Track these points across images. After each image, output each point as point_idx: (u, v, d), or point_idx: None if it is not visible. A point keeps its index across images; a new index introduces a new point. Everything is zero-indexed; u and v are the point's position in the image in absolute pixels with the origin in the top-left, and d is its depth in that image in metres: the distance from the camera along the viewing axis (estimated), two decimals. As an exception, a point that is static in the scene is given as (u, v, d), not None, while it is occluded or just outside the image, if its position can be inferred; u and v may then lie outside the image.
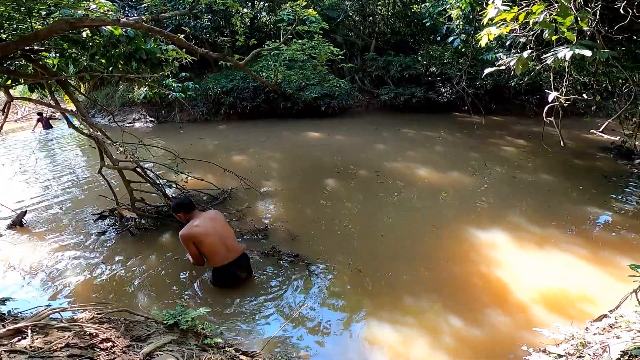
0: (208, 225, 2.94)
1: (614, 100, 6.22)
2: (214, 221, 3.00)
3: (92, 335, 1.35)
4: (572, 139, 7.92)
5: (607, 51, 2.48)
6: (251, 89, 10.49)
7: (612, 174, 5.90)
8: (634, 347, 1.68)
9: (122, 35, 3.47)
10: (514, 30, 3.22)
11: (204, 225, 2.92)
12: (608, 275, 3.18)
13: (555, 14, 2.45)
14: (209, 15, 11.05)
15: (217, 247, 2.92)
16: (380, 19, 13.93)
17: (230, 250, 2.98)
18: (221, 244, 2.94)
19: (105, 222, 4.22)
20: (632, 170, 6.09)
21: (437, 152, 7.33)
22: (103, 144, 3.82)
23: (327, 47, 5.38)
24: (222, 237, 2.96)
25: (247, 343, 2.50)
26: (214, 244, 2.91)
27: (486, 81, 10.26)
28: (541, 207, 4.66)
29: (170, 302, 2.93)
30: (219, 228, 2.99)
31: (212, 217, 3.03)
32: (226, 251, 2.96)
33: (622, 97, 5.66)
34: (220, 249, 2.93)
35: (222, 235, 2.96)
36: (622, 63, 4.42)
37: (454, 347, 2.49)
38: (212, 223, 2.97)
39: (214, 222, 2.99)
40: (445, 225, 4.21)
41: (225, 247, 2.96)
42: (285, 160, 6.97)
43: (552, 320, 2.58)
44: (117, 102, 11.72)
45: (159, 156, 5.72)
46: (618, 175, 5.83)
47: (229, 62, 4.12)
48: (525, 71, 5.33)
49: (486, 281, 3.18)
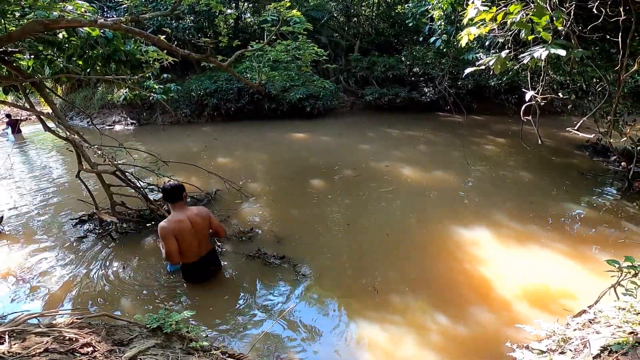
0: (191, 221, 2.90)
1: (589, 99, 6.45)
2: (197, 218, 2.95)
3: (71, 340, 1.31)
4: (550, 137, 8.16)
5: (581, 50, 2.57)
6: (235, 90, 10.41)
7: (588, 171, 6.11)
8: (613, 342, 1.72)
9: (100, 37, 3.40)
10: (493, 31, 3.30)
11: (187, 221, 2.88)
12: (587, 271, 3.26)
13: (532, 14, 2.52)
14: (192, 17, 10.91)
15: (193, 244, 2.93)
16: (365, 20, 14.05)
17: (201, 247, 3.01)
18: (197, 241, 2.95)
19: (84, 227, 4.10)
20: (607, 167, 6.32)
21: (421, 152, 7.44)
22: (80, 147, 3.72)
23: (311, 48, 5.37)
24: (200, 234, 2.96)
25: (235, 345, 2.47)
26: (192, 242, 2.91)
27: (467, 81, 10.47)
28: (522, 204, 4.77)
29: (154, 307, 2.87)
30: (199, 226, 2.95)
31: (196, 214, 2.97)
32: (198, 248, 2.99)
33: (597, 96, 5.86)
34: (194, 248, 2.95)
35: (200, 233, 2.96)
36: (597, 62, 4.58)
37: (441, 344, 2.52)
38: (194, 219, 2.92)
39: (197, 219, 2.94)
40: (430, 224, 4.26)
41: (199, 245, 2.98)
42: (271, 162, 6.94)
43: (535, 316, 2.63)
44: (96, 104, 11.42)
45: (141, 159, 5.61)
46: (594, 172, 6.04)
47: (212, 64, 4.07)
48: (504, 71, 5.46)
49: (470, 278, 3.23)
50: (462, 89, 10.85)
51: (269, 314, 2.83)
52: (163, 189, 2.96)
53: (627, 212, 4.58)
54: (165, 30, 5.65)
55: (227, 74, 9.98)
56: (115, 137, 4.75)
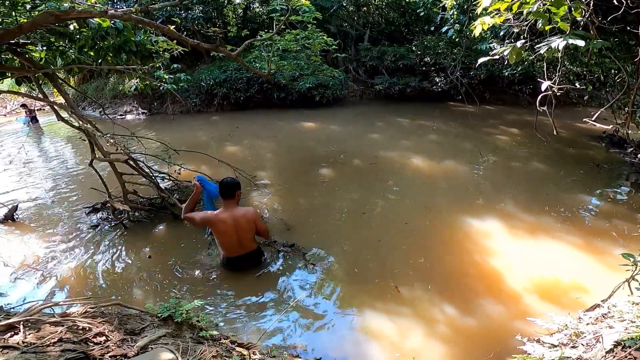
0: (235, 222, 3.02)
1: (606, 90, 6.26)
2: (242, 219, 3.04)
3: (85, 330, 1.35)
4: (565, 128, 7.97)
5: (601, 41, 2.48)
6: (245, 80, 10.39)
7: (604, 162, 5.97)
8: (627, 337, 1.68)
9: (111, 27, 3.42)
10: (508, 20, 3.21)
11: (229, 221, 3.00)
12: (601, 264, 3.21)
13: (549, 4, 2.43)
14: (201, 7, 10.86)
15: (233, 242, 3.07)
16: (374, 9, 13.79)
17: (242, 247, 3.12)
18: (236, 240, 3.07)
19: (97, 216, 4.18)
20: (624, 158, 6.16)
21: (432, 141, 7.35)
22: (93, 137, 3.77)
23: (320, 37, 5.32)
24: (241, 235, 3.07)
25: (244, 334, 2.51)
26: (230, 237, 3.05)
27: (480, 71, 10.25)
28: (534, 196, 4.70)
29: (165, 296, 2.93)
30: (242, 228, 3.06)
31: (242, 215, 3.05)
32: (239, 247, 3.11)
33: (615, 87, 5.68)
34: (233, 245, 3.09)
35: (241, 233, 3.07)
36: (615, 54, 4.43)
37: (450, 336, 2.51)
38: (239, 221, 3.03)
39: (241, 221, 3.04)
40: (440, 214, 4.24)
41: (239, 244, 3.10)
42: (280, 151, 6.94)
43: (546, 309, 2.60)
44: (108, 95, 11.55)
45: (152, 148, 5.67)
46: (610, 164, 5.90)
47: (221, 53, 4.06)
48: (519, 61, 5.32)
49: (480, 270, 3.21)
50: (474, 79, 10.63)
51: (278, 303, 2.87)
52: (219, 184, 3.08)
53: (643, 206, 4.48)
54: (174, 21, 5.64)
55: (237, 64, 9.95)
56: (126, 126, 4.80)
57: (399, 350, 2.42)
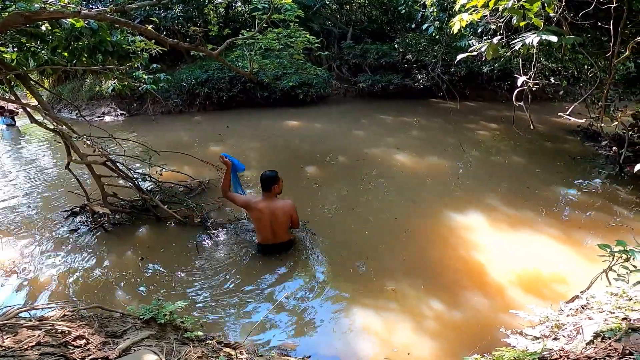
0: (271, 213, 3.20)
1: (580, 85, 6.47)
2: (279, 211, 3.23)
3: (64, 333, 1.31)
4: (542, 123, 8.21)
5: (573, 37, 2.56)
6: (227, 79, 10.28)
7: (580, 155, 6.18)
8: (606, 328, 1.71)
9: (85, 28, 3.35)
10: (485, 17, 3.28)
11: (264, 209, 3.20)
12: (580, 256, 3.30)
13: (523, 0, 2.50)
14: (181, 6, 10.67)
15: (267, 231, 3.27)
16: (357, 7, 13.85)
17: (276, 237, 3.31)
18: (270, 229, 3.26)
19: (76, 219, 4.06)
20: (598, 151, 6.39)
21: (415, 137, 7.45)
22: (69, 138, 3.66)
23: (303, 35, 5.31)
24: (277, 225, 3.25)
25: (231, 334, 2.49)
26: (265, 226, 3.25)
27: (460, 68, 10.44)
28: (515, 189, 4.83)
29: (148, 298, 2.87)
30: (279, 219, 3.23)
31: (280, 207, 3.23)
32: (273, 237, 3.30)
33: (588, 83, 5.88)
34: (267, 233, 3.28)
35: (277, 224, 3.25)
36: (588, 49, 4.58)
37: (437, 330, 2.55)
38: (276, 213, 3.22)
39: (278, 213, 3.22)
40: (424, 210, 4.30)
41: (273, 234, 3.28)
42: (264, 150, 6.90)
43: (529, 301, 2.66)
44: (85, 96, 11.21)
45: (132, 149, 5.54)
46: (586, 157, 6.11)
47: (202, 52, 4.00)
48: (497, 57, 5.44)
49: (465, 264, 3.27)
50: (455, 75, 10.82)
51: (264, 301, 2.85)
52: (262, 176, 3.25)
53: (618, 196, 4.66)
54: (152, 20, 5.52)
55: (219, 63, 9.82)
56: (105, 128, 4.67)
57: (388, 345, 2.44)
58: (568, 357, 1.60)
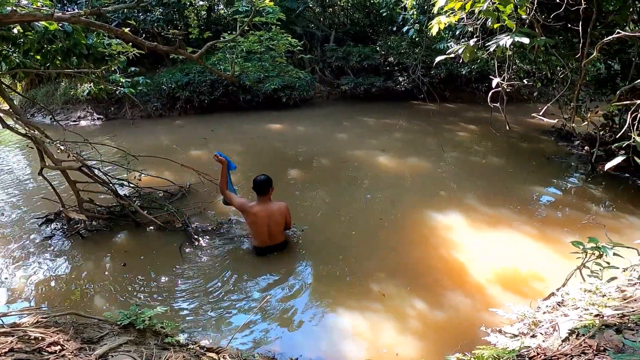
0: (264, 215, 3.24)
1: (553, 86, 6.70)
2: (276, 213, 3.28)
3: (38, 339, 1.26)
4: (518, 124, 8.45)
5: (544, 38, 2.66)
6: (209, 83, 10.15)
7: (554, 155, 6.39)
8: (580, 325, 1.74)
9: (59, 30, 3.28)
10: (462, 20, 3.36)
11: (260, 213, 3.23)
12: (556, 253, 3.38)
13: (498, 3, 2.58)
14: (161, 9, 10.50)
15: (262, 234, 3.30)
16: (340, 10, 13.95)
17: (272, 238, 3.35)
18: (267, 232, 3.29)
19: (51, 226, 3.92)
20: (571, 151, 6.62)
21: (397, 139, 7.53)
22: (42, 144, 3.54)
23: (285, 38, 5.31)
24: (273, 227, 3.29)
25: (213, 338, 2.45)
26: (261, 229, 3.28)
27: (440, 70, 10.64)
28: (493, 189, 4.94)
29: (127, 304, 2.79)
30: (275, 221, 3.28)
31: (276, 209, 3.29)
32: (269, 239, 3.33)
33: (560, 84, 6.10)
34: (263, 236, 3.31)
35: (273, 226, 3.29)
36: (560, 51, 4.75)
37: (421, 330, 2.58)
38: (272, 215, 3.26)
39: (275, 215, 3.27)
40: (406, 210, 4.35)
41: (269, 236, 3.32)
42: (247, 153, 6.84)
43: (508, 299, 2.72)
44: (59, 100, 10.84)
45: (111, 154, 5.41)
46: (559, 157, 6.32)
47: (182, 55, 3.95)
48: (474, 59, 5.58)
49: (446, 263, 3.31)
50: (435, 77, 11.02)
51: (248, 305, 2.82)
52: (254, 181, 3.27)
53: (590, 194, 4.83)
54: (130, 23, 5.42)
55: (200, 67, 9.69)
56: (80, 132, 4.53)
57: (373, 346, 2.44)
58: (545, 354, 1.62)
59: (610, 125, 5.87)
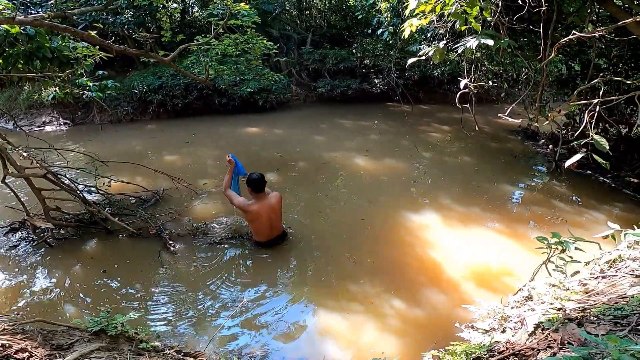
0: (265, 209, 3.31)
1: (519, 87, 7.00)
2: (274, 205, 3.36)
3: (4, 347, 1.20)
4: (487, 124, 8.76)
5: (507, 40, 2.78)
6: (182, 86, 9.94)
7: (521, 154, 6.67)
8: (545, 319, 1.79)
9: (21, 34, 3.17)
10: (433, 22, 3.46)
11: (261, 209, 3.30)
12: (525, 249, 3.51)
13: (465, 5, 2.68)
14: (132, 11, 10.21)
15: (264, 228, 3.37)
16: (317, 13, 14.04)
17: (273, 230, 3.43)
18: (269, 225, 3.37)
19: (16, 236, 3.73)
20: (537, 150, 6.94)
21: (373, 141, 7.64)
22: (4, 150, 3.37)
23: (260, 41, 5.28)
24: (272, 220, 3.37)
25: (191, 343, 2.40)
26: (263, 225, 3.35)
27: (414, 72, 10.87)
28: (465, 188, 5.10)
29: (99, 312, 2.70)
30: (275, 211, 3.37)
31: (273, 203, 3.36)
32: (270, 231, 3.41)
33: (525, 84, 6.39)
34: (266, 230, 3.39)
35: (272, 219, 3.36)
36: (525, 53, 4.97)
37: (400, 328, 2.63)
38: (273, 206, 3.35)
39: (272, 207, 3.34)
40: (382, 210, 4.42)
41: (270, 228, 3.40)
42: (223, 157, 6.74)
43: (481, 295, 2.80)
44: (22, 105, 10.31)
45: (78, 161, 5.20)
46: (526, 155, 6.61)
47: (152, 59, 3.86)
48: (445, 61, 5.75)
49: (422, 262, 3.39)
50: (409, 79, 11.25)
51: (226, 309, 2.78)
52: (249, 180, 3.35)
53: (555, 191, 5.08)
54: (97, 26, 5.24)
55: (173, 70, 9.49)
56: (45, 138, 4.37)
57: (354, 346, 2.46)
58: (513, 348, 1.67)
59: (572, 124, 6.18)
